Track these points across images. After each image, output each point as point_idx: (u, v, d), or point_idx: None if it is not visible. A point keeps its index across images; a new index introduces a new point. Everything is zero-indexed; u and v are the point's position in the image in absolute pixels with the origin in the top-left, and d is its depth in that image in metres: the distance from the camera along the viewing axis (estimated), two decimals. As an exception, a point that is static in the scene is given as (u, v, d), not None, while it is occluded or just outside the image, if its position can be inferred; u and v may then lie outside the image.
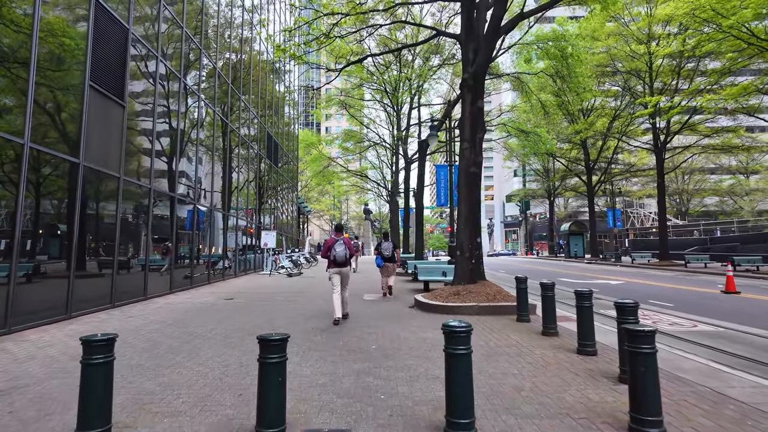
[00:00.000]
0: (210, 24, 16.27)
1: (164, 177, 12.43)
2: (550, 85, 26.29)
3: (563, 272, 23.59)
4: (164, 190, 12.28)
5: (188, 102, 14.05)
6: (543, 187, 48.06)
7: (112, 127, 9.78)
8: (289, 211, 33.15)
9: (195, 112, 14.55)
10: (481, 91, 9.93)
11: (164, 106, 12.50)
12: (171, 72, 12.62)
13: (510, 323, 7.76)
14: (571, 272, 23.70)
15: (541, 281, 7.02)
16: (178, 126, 13.15)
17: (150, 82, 11.57)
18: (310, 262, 24.80)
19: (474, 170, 9.72)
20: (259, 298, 11.59)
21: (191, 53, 14.35)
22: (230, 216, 18.27)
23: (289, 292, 12.78)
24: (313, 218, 71.08)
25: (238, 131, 19.06)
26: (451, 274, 12.17)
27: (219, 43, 17.04)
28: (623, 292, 13.92)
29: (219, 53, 16.96)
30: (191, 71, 14.31)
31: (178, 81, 13.10)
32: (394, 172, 35.49)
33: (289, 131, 33.46)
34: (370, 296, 11.75)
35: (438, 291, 9.67)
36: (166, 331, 7.19)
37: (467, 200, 9.73)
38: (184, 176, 13.94)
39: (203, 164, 15.54)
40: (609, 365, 5.11)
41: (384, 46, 24.48)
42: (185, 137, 13.98)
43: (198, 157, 14.77)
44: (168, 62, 12.44)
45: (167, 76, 12.48)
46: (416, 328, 7.35)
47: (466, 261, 9.57)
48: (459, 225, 9.83)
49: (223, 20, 17.79)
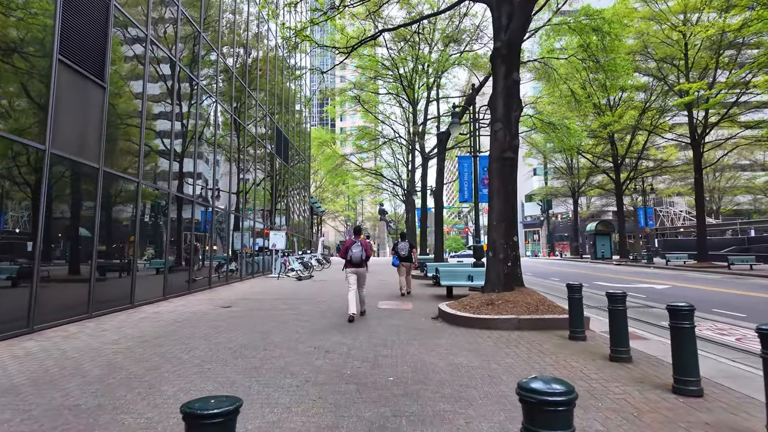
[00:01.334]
0: (209, 2, 15.04)
1: (158, 171, 11.18)
2: (577, 76, 24.48)
3: (595, 275, 21.74)
4: (157, 186, 11.04)
5: (190, 90, 12.82)
6: (566, 185, 45.89)
7: (90, 110, 8.52)
8: (300, 210, 31.92)
9: (193, 95, 13.31)
10: (517, 62, 8.37)
11: (158, 92, 11.26)
12: (164, 53, 11.38)
13: (562, 342, 6.20)
14: (603, 275, 21.83)
15: (608, 291, 5.43)
16: (173, 115, 11.90)
17: (139, 62, 10.33)
18: (322, 264, 23.46)
19: (509, 155, 8.17)
20: (260, 306, 10.22)
21: (191, 40, 13.13)
22: (234, 215, 17.03)
23: (296, 299, 11.39)
24: (328, 219, 70.05)
25: (243, 122, 17.82)
26: (479, 279, 10.66)
27: (220, 22, 15.82)
28: (679, 300, 12.14)
29: (220, 35, 15.72)
30: (189, 53, 13.08)
31: (173, 64, 11.86)
32: (410, 170, 34.03)
33: (301, 129, 32.25)
34: (386, 303, 10.28)
35: (467, 300, 8.14)
36: (136, 351, 5.84)
37: (501, 192, 8.19)
38: (183, 170, 12.70)
39: (205, 158, 14.30)
40: (732, 415, 3.54)
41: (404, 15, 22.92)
42: (185, 128, 12.75)
43: (198, 150, 13.52)
44: (161, 44, 11.20)
45: (158, 59, 11.25)
46: (445, 349, 5.85)
47: (500, 264, 8.02)
48: (491, 221, 8.30)
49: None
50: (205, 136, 14.25)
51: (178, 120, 12.27)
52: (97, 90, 8.67)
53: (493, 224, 8.23)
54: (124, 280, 9.72)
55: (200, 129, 13.83)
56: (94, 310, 8.48)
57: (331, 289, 13.87)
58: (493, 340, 6.30)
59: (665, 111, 30.01)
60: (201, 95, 13.65)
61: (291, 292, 13.16)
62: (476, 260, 13.06)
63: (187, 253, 12.88)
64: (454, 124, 13.36)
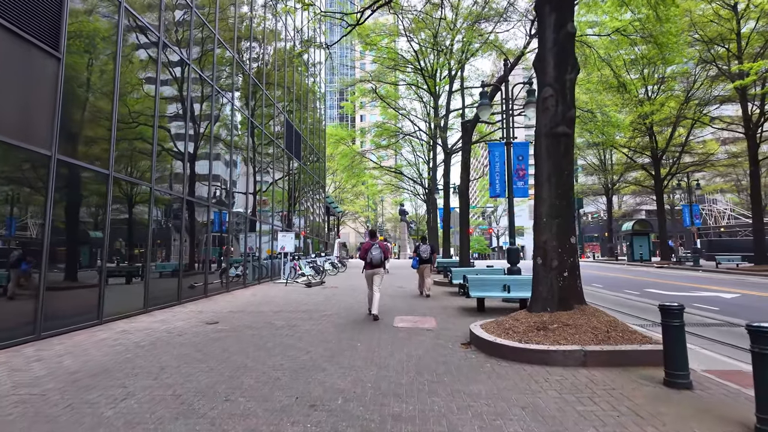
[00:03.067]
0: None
1: (136, 162, 9.63)
2: (616, 59, 22.08)
3: (641, 280, 19.34)
4: (134, 180, 9.48)
5: (178, 71, 11.29)
6: (599, 183, 43.05)
7: (37, 85, 6.97)
8: (316, 211, 30.33)
9: (177, 72, 11.76)
10: (571, 8, 6.41)
11: (133, 65, 9.72)
12: (143, 24, 9.84)
13: (658, 392, 4.23)
14: (649, 279, 19.40)
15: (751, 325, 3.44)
16: (157, 96, 10.35)
17: (107, 34, 8.77)
18: (337, 268, 21.74)
19: (563, 130, 6.20)
20: (252, 322, 8.51)
21: (193, 26, 11.61)
22: (236, 213, 15.47)
23: (297, 312, 9.65)
24: (348, 220, 68.62)
25: (245, 107, 16.26)
26: (518, 290, 8.72)
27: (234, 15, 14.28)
28: (761, 312, 9.88)
29: (216, 21, 14.17)
30: (184, 32, 11.54)
31: (154, 37, 10.31)
32: (432, 167, 32.06)
33: (315, 127, 30.68)
34: (403, 321, 8.42)
35: (508, 320, 6.22)
36: (50, 399, 4.16)
37: (552, 178, 6.23)
38: (170, 162, 11.15)
39: (195, 144, 12.75)
40: None
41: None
42: (175, 110, 11.21)
43: (187, 137, 11.97)
44: (135, 11, 9.65)
45: (137, 26, 9.70)
46: (486, 404, 3.96)
47: (554, 274, 6.06)
48: (539, 218, 6.35)
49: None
50: (189, 117, 12.71)
51: (171, 103, 10.73)
52: (48, 61, 7.11)
53: (542, 221, 6.28)
54: (89, 290, 8.15)
55: (187, 109, 12.28)
56: (44, 329, 6.90)
57: (341, 298, 12.09)
58: (555, 389, 4.37)
59: (710, 101, 27.19)
60: (187, 71, 12.11)
61: (295, 302, 11.43)
62: (511, 265, 11.06)
63: (182, 258, 11.31)
64: (484, 106, 11.40)
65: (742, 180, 48.33)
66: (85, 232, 8.28)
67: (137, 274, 9.65)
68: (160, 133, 10.44)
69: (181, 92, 11.60)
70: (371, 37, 28.03)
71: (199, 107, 12.70)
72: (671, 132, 31.15)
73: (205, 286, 12.45)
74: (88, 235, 8.33)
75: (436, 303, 10.96)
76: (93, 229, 8.40)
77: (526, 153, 11.51)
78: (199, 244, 12.71)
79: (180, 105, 11.60)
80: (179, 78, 11.50)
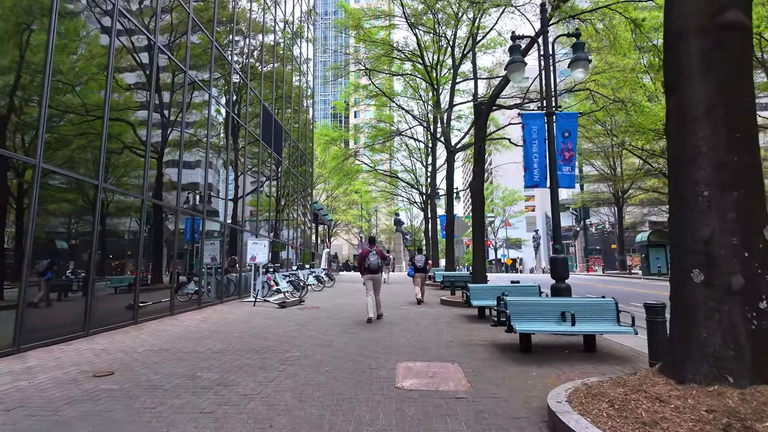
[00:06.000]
0: None
1: (79, 153, 6.44)
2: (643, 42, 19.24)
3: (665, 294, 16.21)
4: (67, 173, 6.30)
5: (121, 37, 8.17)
6: (609, 191, 40.20)
7: None
8: (302, 217, 27.04)
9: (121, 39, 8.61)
10: None
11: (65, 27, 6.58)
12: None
13: None
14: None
15: None
16: (109, 72, 7.18)
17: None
18: (323, 282, 18.40)
19: (736, 17, 3.15)
20: (164, 376, 5.24)
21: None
22: (185, 217, 12.24)
23: (246, 354, 6.40)
24: (341, 231, 65.41)
25: (222, 93, 13.11)
26: (588, 321, 5.61)
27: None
28: None
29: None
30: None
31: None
32: (431, 171, 29.03)
33: (302, 126, 27.59)
34: (412, 377, 5.17)
35: (636, 399, 3.04)
36: None
37: (719, 110, 3.17)
38: (115, 152, 7.97)
39: (140, 124, 9.56)
40: None
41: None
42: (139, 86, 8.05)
43: (130, 116, 8.78)
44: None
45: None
46: None
47: (738, 303, 2.91)
48: (687, 193, 3.23)
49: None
50: (151, 101, 9.55)
51: (126, 79, 7.57)
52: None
53: (697, 198, 3.15)
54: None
55: (151, 92, 9.12)
56: None
57: (321, 326, 8.83)
58: None
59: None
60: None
61: (254, 333, 8.16)
62: (556, 281, 7.89)
63: (104, 272, 8.04)
64: (516, 64, 8.34)
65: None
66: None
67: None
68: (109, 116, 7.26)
69: (136, 63, 8.44)
70: (366, 29, 25.28)
71: (153, 82, 9.55)
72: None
73: (135, 309, 9.12)
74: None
75: (451, 332, 7.75)
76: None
77: (574, 128, 8.45)
78: (137, 254, 9.46)
79: (138, 83, 8.44)
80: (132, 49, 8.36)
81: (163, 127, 10.63)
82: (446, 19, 22.05)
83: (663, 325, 4.98)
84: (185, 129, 11.42)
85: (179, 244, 11.94)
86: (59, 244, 7.64)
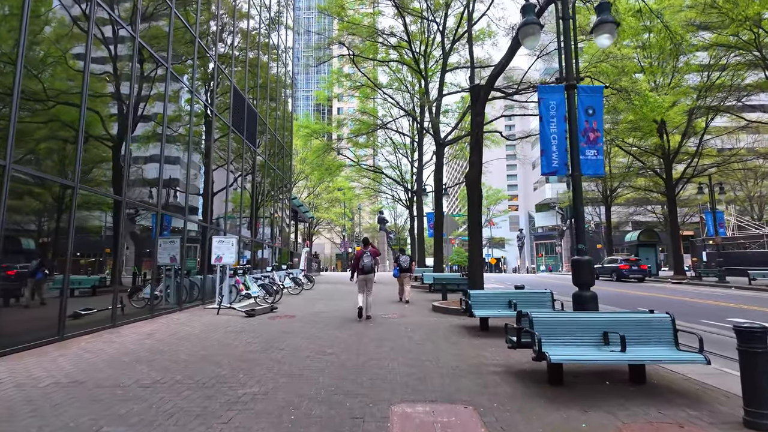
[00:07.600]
0: None
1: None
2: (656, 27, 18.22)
3: (696, 302, 15.15)
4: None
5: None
6: (597, 189, 39.36)
7: None
8: (279, 213, 25.24)
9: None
10: None
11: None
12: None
13: None
14: (707, 302, 15.22)
15: None
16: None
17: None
18: (300, 285, 16.73)
19: None
20: (56, 426, 3.59)
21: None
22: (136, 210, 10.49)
23: (188, 385, 4.80)
24: (323, 230, 63.54)
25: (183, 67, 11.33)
26: (641, 344, 4.19)
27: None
28: None
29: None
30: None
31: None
32: (418, 166, 27.53)
33: (278, 116, 25.79)
34: (414, 429, 3.65)
35: None
36: None
37: None
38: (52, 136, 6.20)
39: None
40: None
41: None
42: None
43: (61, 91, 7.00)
44: None
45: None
46: None
47: None
48: None
49: None
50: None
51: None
52: None
53: None
54: None
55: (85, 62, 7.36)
56: None
57: (293, 343, 7.22)
58: None
59: (741, 87, 23.69)
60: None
61: (207, 354, 6.51)
62: (579, 287, 6.47)
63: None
64: (530, 25, 6.89)
65: (735, 192, 45.87)
66: None
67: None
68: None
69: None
70: (350, 17, 23.70)
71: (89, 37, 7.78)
72: (685, 128, 27.43)
73: (61, 321, 7.35)
74: None
75: (454, 352, 6.25)
76: None
77: (600, 104, 7.03)
78: (66, 249, 7.70)
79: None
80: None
81: (112, 107, 8.86)
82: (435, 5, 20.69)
83: (765, 357, 3.56)
84: (139, 109, 9.65)
85: (144, 243, 10.18)
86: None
